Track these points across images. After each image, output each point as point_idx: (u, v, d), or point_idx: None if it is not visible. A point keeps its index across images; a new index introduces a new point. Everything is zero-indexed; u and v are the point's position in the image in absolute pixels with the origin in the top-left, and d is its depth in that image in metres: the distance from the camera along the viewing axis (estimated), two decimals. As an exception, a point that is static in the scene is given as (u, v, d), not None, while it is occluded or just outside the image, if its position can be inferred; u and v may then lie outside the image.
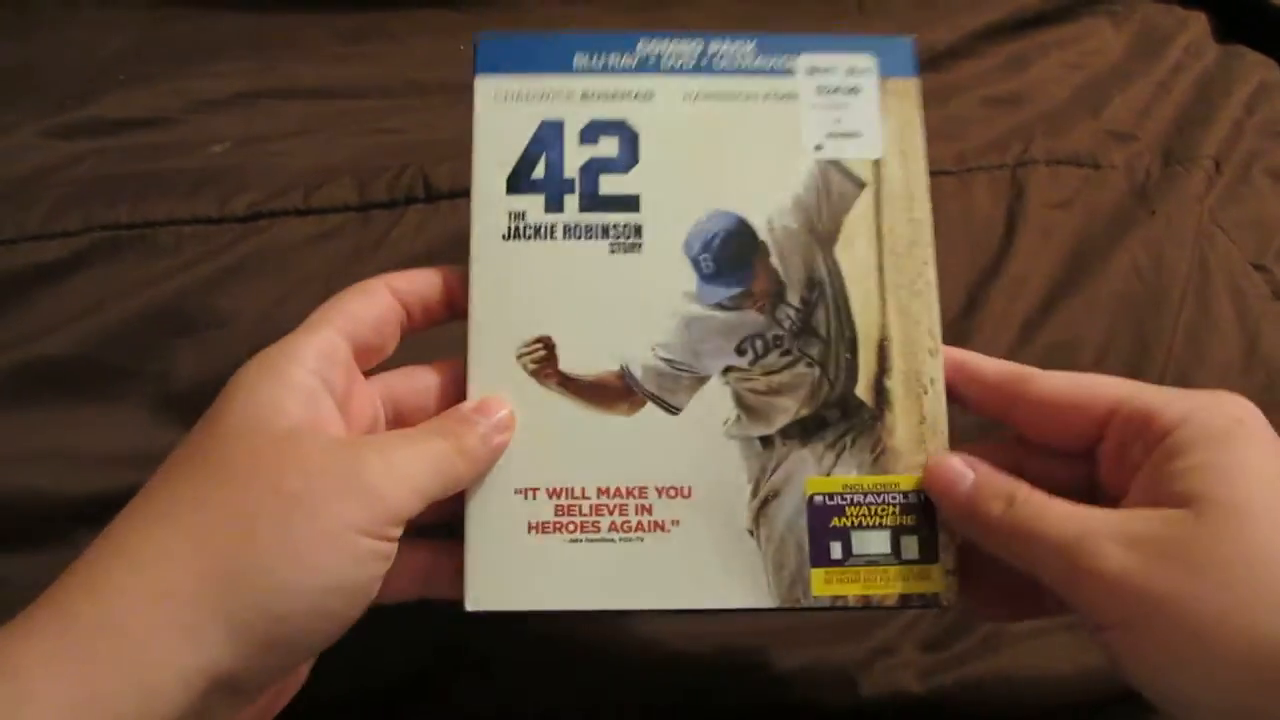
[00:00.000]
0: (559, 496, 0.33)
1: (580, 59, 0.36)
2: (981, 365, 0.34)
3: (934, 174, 0.57)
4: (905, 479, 0.33)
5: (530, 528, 0.32)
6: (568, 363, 0.33)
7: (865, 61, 0.37)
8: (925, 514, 0.33)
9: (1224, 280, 0.53)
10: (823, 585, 0.32)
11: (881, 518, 0.33)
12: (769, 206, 0.35)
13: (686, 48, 0.36)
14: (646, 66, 0.36)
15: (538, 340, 0.33)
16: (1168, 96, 0.63)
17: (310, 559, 0.27)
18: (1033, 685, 0.41)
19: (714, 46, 0.36)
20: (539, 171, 0.35)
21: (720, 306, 0.34)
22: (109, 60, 0.60)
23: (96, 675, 0.24)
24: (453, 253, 0.52)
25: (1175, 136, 0.60)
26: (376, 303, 0.33)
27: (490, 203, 0.34)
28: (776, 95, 0.36)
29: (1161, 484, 0.29)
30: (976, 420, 0.35)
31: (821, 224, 0.35)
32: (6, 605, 0.40)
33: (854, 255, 0.35)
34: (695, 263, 0.34)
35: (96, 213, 0.51)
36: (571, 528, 0.32)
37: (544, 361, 0.33)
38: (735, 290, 0.34)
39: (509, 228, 0.34)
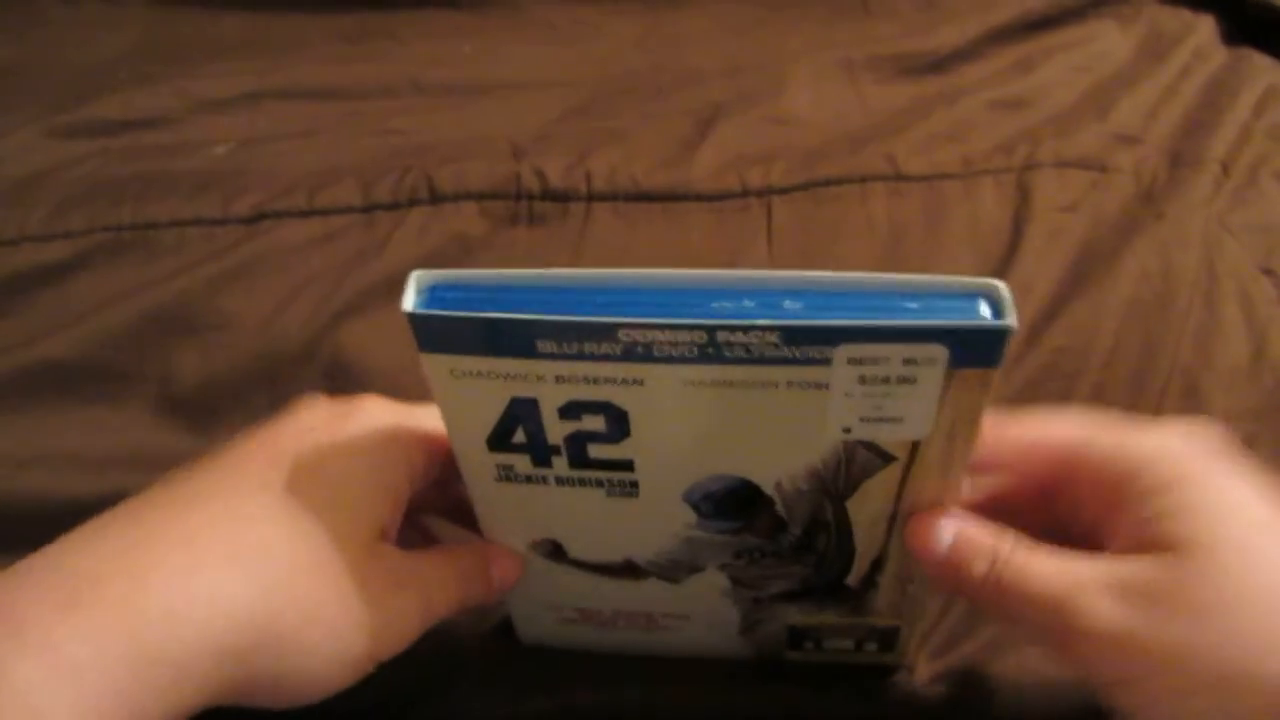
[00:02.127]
0: (582, 611, 0.38)
1: (544, 345, 0.27)
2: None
3: (940, 177, 0.58)
4: (878, 620, 0.37)
5: (560, 620, 0.38)
6: (576, 554, 0.35)
7: (933, 353, 0.27)
8: (890, 637, 0.37)
9: (1232, 284, 0.52)
10: (795, 656, 0.39)
11: (852, 635, 0.38)
12: (779, 472, 0.31)
13: (686, 337, 0.26)
14: (633, 355, 0.27)
15: (546, 539, 0.34)
16: (1175, 99, 0.63)
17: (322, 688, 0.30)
18: (1039, 690, 0.40)
19: (724, 336, 0.26)
20: (519, 437, 0.30)
21: (721, 533, 0.33)
22: (111, 61, 0.60)
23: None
24: (457, 254, 0.52)
25: (1183, 140, 0.60)
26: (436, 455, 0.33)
27: (475, 457, 0.31)
28: (802, 384, 0.27)
29: (1142, 528, 0.28)
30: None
31: (837, 487, 0.31)
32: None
33: (866, 509, 0.32)
34: (696, 507, 0.32)
35: (99, 213, 0.51)
36: (593, 624, 0.38)
37: (552, 555, 0.35)
38: (736, 525, 0.33)
39: (499, 475, 0.32)
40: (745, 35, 0.67)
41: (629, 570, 0.35)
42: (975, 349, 0.26)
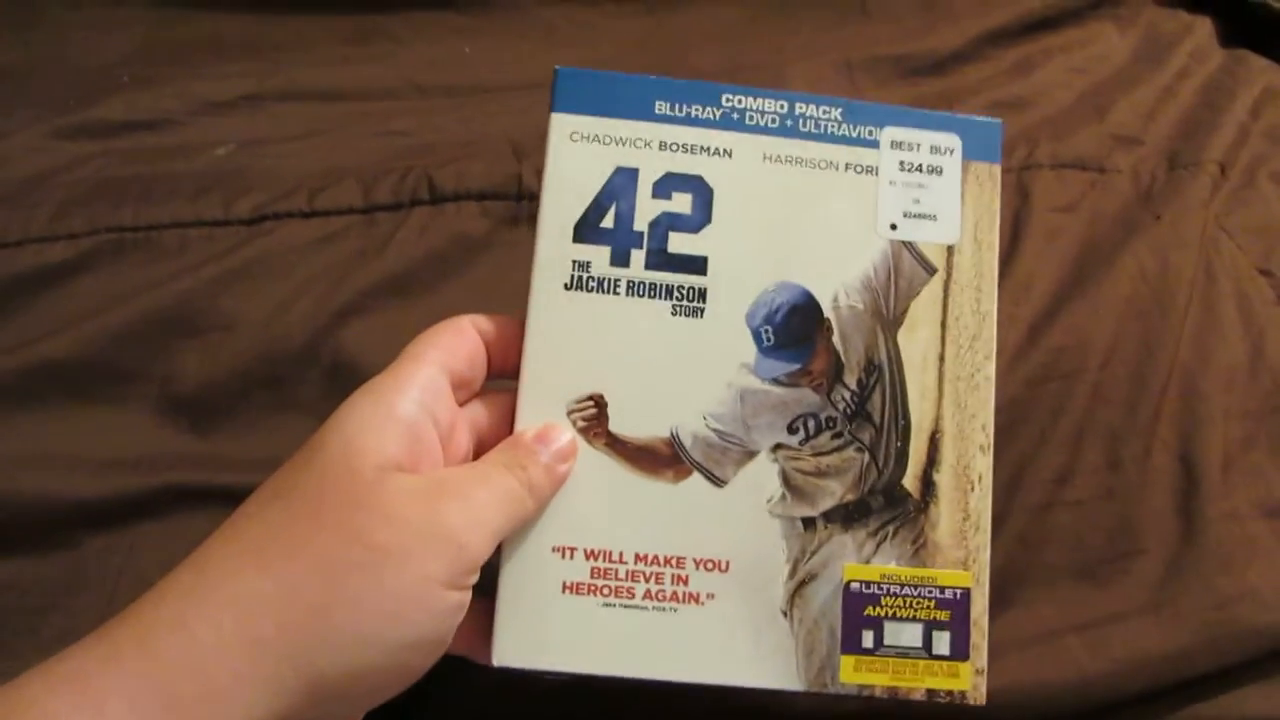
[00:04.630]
0: (596, 559, 0.33)
1: (661, 106, 0.34)
2: None
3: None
4: (944, 574, 0.34)
5: (565, 587, 0.32)
6: (617, 424, 0.33)
7: (951, 141, 0.36)
8: (961, 611, 0.33)
9: (1229, 285, 0.52)
10: (851, 673, 0.33)
11: (916, 610, 0.33)
12: (837, 282, 0.34)
13: (771, 106, 0.35)
14: (729, 122, 0.35)
15: (589, 397, 0.33)
16: (1173, 101, 0.63)
17: (395, 614, 0.27)
18: (1038, 692, 0.40)
19: (800, 108, 0.35)
20: (608, 221, 0.34)
21: (777, 382, 0.34)
22: (113, 62, 0.61)
23: (176, 717, 0.24)
24: (458, 254, 0.52)
25: (1180, 141, 0.60)
26: (467, 338, 0.33)
27: (556, 249, 0.34)
28: (857, 167, 0.35)
29: None
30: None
31: (888, 307, 0.34)
32: (11, 609, 0.40)
33: (916, 342, 0.34)
34: (756, 334, 0.34)
35: (101, 215, 0.51)
36: (606, 591, 0.33)
37: (593, 420, 0.33)
38: (793, 366, 0.34)
39: (572, 277, 0.33)
40: (745, 37, 0.67)
41: (671, 459, 0.33)
42: (980, 140, 0.36)
